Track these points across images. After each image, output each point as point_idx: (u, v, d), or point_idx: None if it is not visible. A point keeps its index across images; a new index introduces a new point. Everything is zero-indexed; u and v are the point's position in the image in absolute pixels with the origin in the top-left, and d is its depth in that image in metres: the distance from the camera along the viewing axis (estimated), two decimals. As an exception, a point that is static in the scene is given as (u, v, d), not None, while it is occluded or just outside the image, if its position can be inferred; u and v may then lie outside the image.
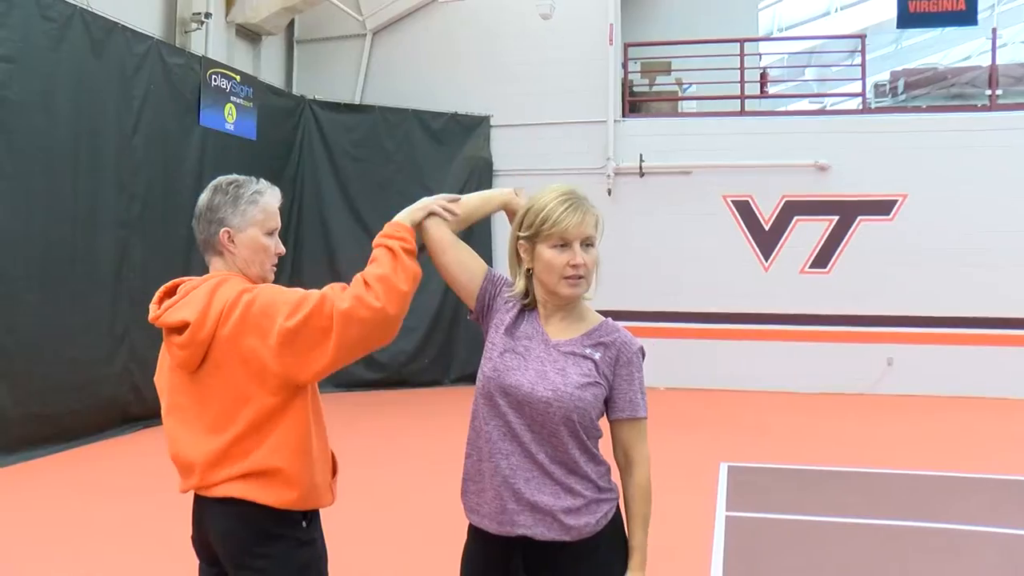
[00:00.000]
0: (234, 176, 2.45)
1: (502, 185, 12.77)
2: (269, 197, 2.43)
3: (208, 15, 10.47)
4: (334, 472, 2.47)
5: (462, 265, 2.39)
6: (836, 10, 20.25)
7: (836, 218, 11.92)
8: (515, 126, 12.48)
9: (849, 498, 6.49)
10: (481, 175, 12.51)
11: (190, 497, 2.43)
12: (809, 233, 11.98)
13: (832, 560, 5.10)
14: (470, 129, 12.59)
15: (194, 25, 10.43)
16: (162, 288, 2.46)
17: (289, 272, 10.93)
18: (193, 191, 9.71)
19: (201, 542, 2.40)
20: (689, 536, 5.48)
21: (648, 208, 12.01)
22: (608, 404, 2.27)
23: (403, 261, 2.28)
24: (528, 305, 2.33)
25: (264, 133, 10.87)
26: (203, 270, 8.58)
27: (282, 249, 2.47)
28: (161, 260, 9.23)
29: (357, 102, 12.80)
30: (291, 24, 12.92)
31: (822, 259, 11.95)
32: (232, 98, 10.30)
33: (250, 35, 12.03)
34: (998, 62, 12.20)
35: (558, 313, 2.31)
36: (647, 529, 2.27)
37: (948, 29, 17.80)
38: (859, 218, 11.86)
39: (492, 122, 12.64)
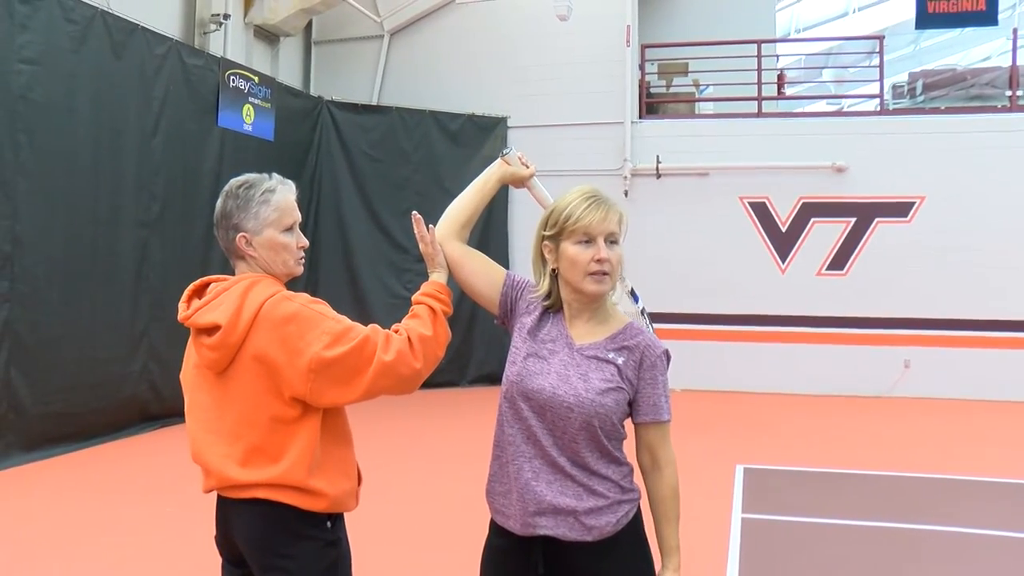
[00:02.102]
0: (244, 177, 2.42)
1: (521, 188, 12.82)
2: (281, 193, 2.39)
3: (227, 16, 10.54)
4: (359, 480, 2.47)
5: (480, 275, 2.42)
6: (854, 11, 20.14)
7: (853, 220, 11.87)
8: (532, 127, 12.48)
9: (865, 501, 6.46)
10: (498, 176, 12.51)
11: (210, 496, 2.44)
12: (826, 235, 11.93)
13: (848, 563, 5.09)
14: (487, 130, 12.62)
15: (213, 26, 10.50)
16: (190, 287, 2.44)
17: (307, 272, 10.97)
18: (211, 192, 9.78)
19: (226, 542, 2.40)
20: (705, 538, 5.48)
21: (665, 209, 11.99)
22: (632, 407, 2.27)
23: (442, 325, 2.34)
24: (552, 307, 2.33)
25: (282, 134, 10.93)
26: (221, 269, 8.64)
27: (305, 242, 2.44)
28: (180, 260, 9.31)
29: (374, 103, 12.85)
30: (309, 25, 12.98)
31: (839, 261, 11.90)
32: (250, 99, 10.37)
33: (268, 36, 12.09)
34: (1019, 62, 12.11)
35: (583, 314, 2.30)
36: (678, 529, 2.28)
37: (967, 29, 17.68)
38: (876, 220, 11.81)
39: (509, 123, 12.66)
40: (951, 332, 11.53)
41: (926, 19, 11.97)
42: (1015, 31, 12.54)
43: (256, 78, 10.48)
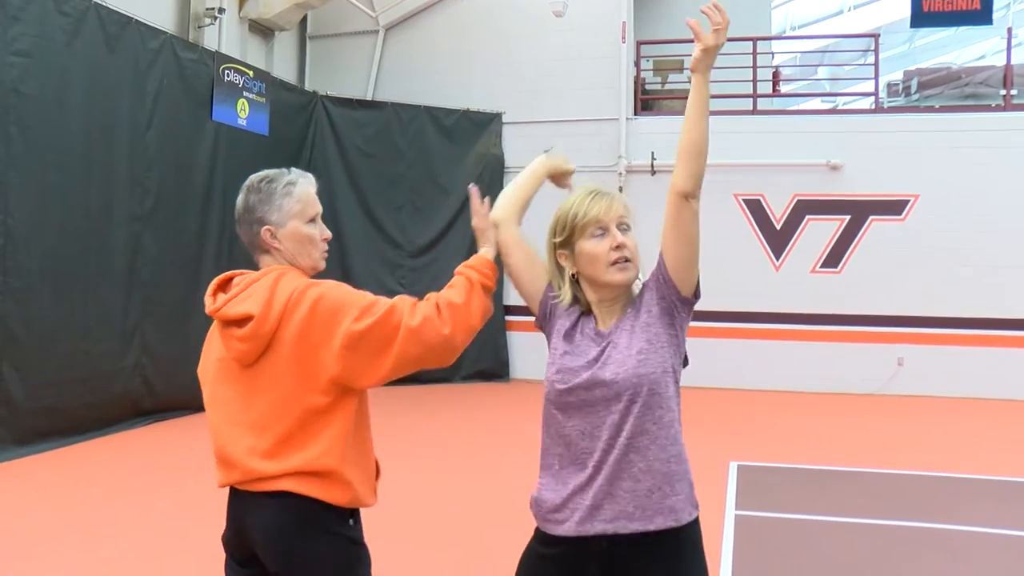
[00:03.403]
0: (264, 172, 2.43)
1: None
2: (303, 185, 2.40)
3: (221, 10, 10.51)
4: (377, 474, 2.46)
5: (526, 269, 2.39)
6: (849, 9, 20.17)
7: (848, 218, 11.89)
8: (527, 123, 12.48)
9: (859, 498, 6.47)
10: (493, 172, 12.52)
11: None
12: (820, 232, 11.95)
13: (841, 560, 5.10)
14: (482, 126, 12.61)
15: (207, 20, 10.46)
16: (215, 281, 2.42)
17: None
18: (205, 186, 9.77)
19: (237, 539, 2.37)
20: (698, 535, 5.47)
21: (659, 206, 11.70)
22: (668, 276, 2.31)
23: (479, 295, 2.29)
24: (584, 311, 2.32)
25: (276, 129, 10.90)
26: (215, 263, 8.65)
27: (328, 233, 2.44)
28: (173, 254, 9.29)
29: (369, 98, 12.83)
30: (304, 20, 12.95)
31: (833, 259, 11.92)
32: (245, 93, 10.34)
33: (263, 30, 12.06)
34: (1013, 62, 12.14)
35: (613, 309, 2.28)
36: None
37: (962, 28, 17.72)
38: (871, 218, 11.82)
39: (504, 119, 12.65)
40: (945, 330, 11.55)
41: (921, 18, 11.99)
42: (1009, 30, 12.59)
43: (251, 72, 10.45)
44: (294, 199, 2.37)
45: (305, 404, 2.23)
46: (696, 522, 2.27)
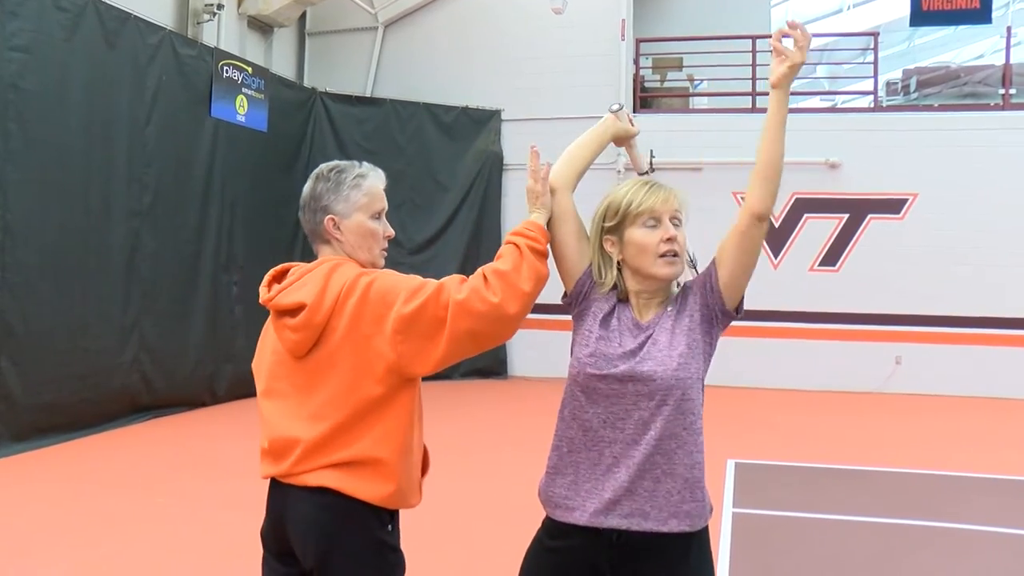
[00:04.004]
0: (336, 162, 2.41)
1: (514, 179, 12.92)
2: (372, 179, 2.39)
3: (220, 6, 10.49)
4: (425, 470, 2.42)
5: (575, 241, 2.31)
6: (849, 7, 20.14)
7: (846, 216, 11.89)
8: (526, 120, 12.47)
9: (856, 497, 6.48)
10: (492, 169, 12.53)
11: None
12: (819, 231, 11.95)
13: (838, 558, 5.11)
14: (481, 123, 12.60)
15: (206, 16, 10.45)
16: (271, 272, 2.41)
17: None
18: (204, 182, 9.76)
19: (275, 532, 2.32)
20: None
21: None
22: (719, 286, 2.27)
23: (529, 259, 2.20)
24: (621, 298, 2.27)
25: (275, 125, 10.89)
26: (214, 259, 8.66)
27: (391, 232, 2.41)
28: (172, 250, 9.29)
29: (368, 95, 12.82)
30: (303, 16, 12.93)
31: (831, 257, 11.92)
32: (243, 90, 10.33)
33: (262, 27, 12.04)
34: (1012, 61, 12.14)
35: (652, 302, 2.25)
36: None
37: (961, 27, 17.71)
38: (869, 216, 11.83)
39: (503, 116, 12.64)
40: (943, 329, 11.56)
41: (920, 16, 11.99)
42: (1009, 29, 12.59)
43: (249, 69, 10.44)
44: (362, 192, 2.36)
45: (361, 394, 2.19)
46: (707, 528, 2.23)
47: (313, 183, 2.38)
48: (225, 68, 9.99)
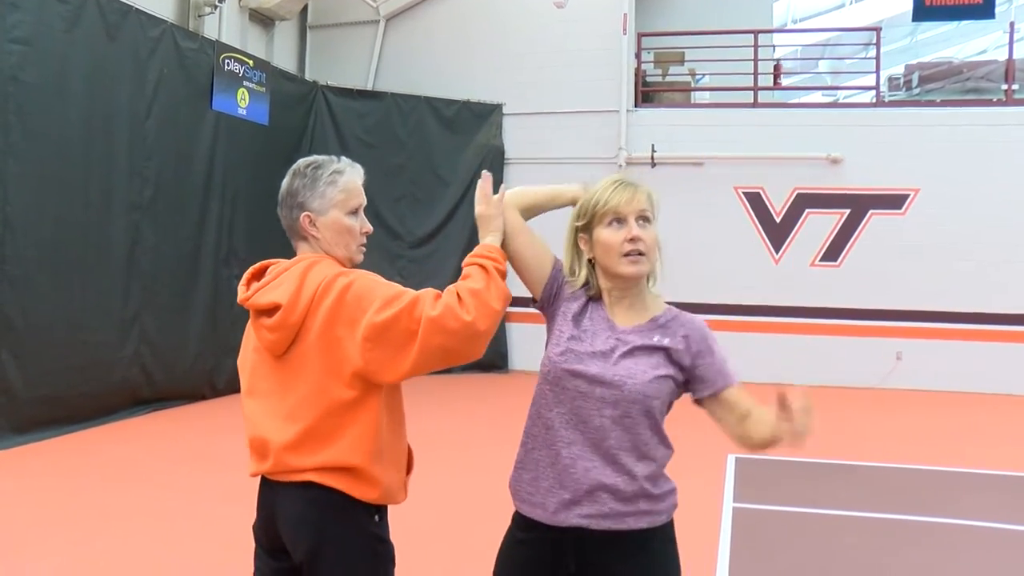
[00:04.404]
0: (313, 157, 2.39)
1: (515, 173, 12.93)
2: (349, 175, 2.37)
3: (221, 0, 10.47)
4: (409, 469, 2.43)
5: (533, 250, 2.34)
6: (851, 2, 20.10)
7: (847, 211, 11.88)
8: (527, 114, 12.46)
9: (856, 492, 6.48)
10: (493, 163, 12.51)
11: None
12: (820, 226, 11.94)
13: (838, 553, 5.11)
14: (482, 117, 12.59)
15: (207, 9, 10.43)
16: (250, 270, 2.40)
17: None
18: (205, 176, 9.76)
19: (266, 528, 2.34)
20: (696, 527, 5.48)
21: (659, 199, 11.94)
22: (697, 384, 2.23)
23: (495, 279, 2.24)
24: (593, 296, 2.30)
25: (276, 118, 10.88)
26: (214, 253, 8.64)
27: (369, 227, 2.41)
28: (172, 244, 9.28)
29: (370, 88, 12.80)
30: (304, 9, 12.91)
31: (833, 252, 11.91)
32: (245, 83, 10.31)
33: (263, 20, 12.02)
34: (1015, 56, 12.11)
35: (623, 301, 2.27)
36: None
37: (964, 22, 17.66)
38: (871, 212, 11.82)
39: (504, 110, 12.63)
40: (943, 324, 11.56)
41: (923, 12, 11.96)
42: (1012, 25, 12.54)
43: (251, 62, 10.43)
44: (338, 188, 2.34)
45: (331, 397, 2.20)
46: (671, 522, 2.25)
47: (290, 179, 2.37)
48: (226, 61, 9.98)
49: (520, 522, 2.28)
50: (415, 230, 12.37)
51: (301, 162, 2.39)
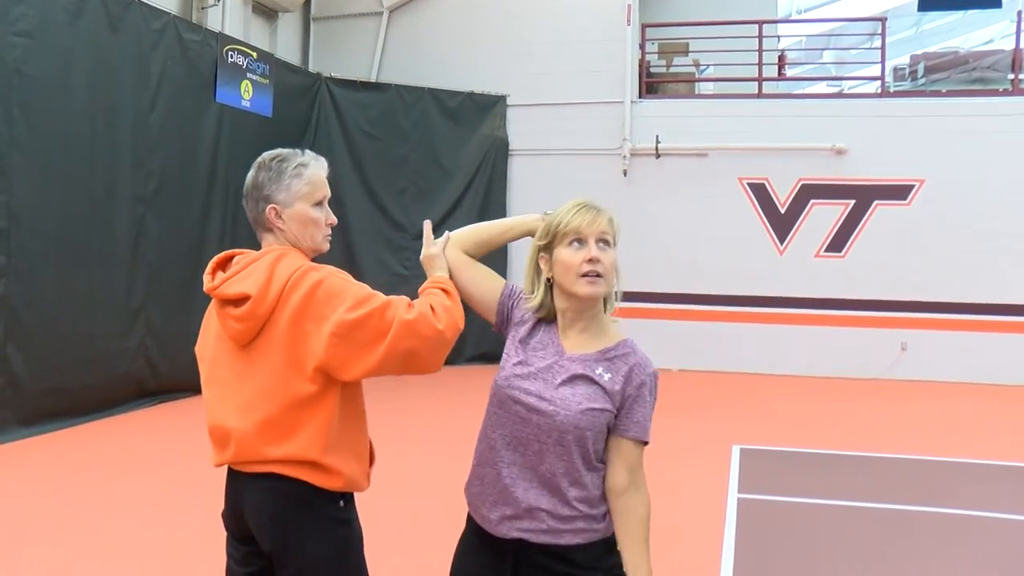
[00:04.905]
0: (278, 151, 2.43)
1: (519, 164, 12.93)
2: (314, 168, 2.41)
3: (225, -9, 10.46)
4: (371, 461, 2.47)
5: (477, 283, 2.42)
6: (856, -8, 20.02)
7: (852, 202, 11.85)
8: (531, 106, 12.44)
9: (861, 482, 6.49)
10: (497, 154, 12.50)
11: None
12: (825, 217, 11.91)
13: (843, 543, 5.11)
14: (486, 108, 12.56)
15: (211, 1, 10.41)
16: (214, 259, 2.43)
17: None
18: (209, 167, 9.75)
19: (234, 517, 2.39)
20: (701, 517, 5.49)
21: (664, 190, 11.96)
22: (616, 421, 2.23)
23: (456, 300, 2.34)
24: (545, 317, 2.33)
25: (280, 110, 10.87)
26: (218, 244, 8.64)
27: (333, 219, 2.45)
28: (177, 236, 9.29)
29: (373, 80, 12.78)
30: (308, 1, 12.90)
31: (837, 243, 11.89)
32: (248, 75, 10.30)
33: (267, 12, 12.01)
34: (1021, 46, 12.04)
35: (577, 324, 2.29)
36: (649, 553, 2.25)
37: (970, 12, 17.59)
38: (875, 202, 11.78)
39: (508, 101, 12.60)
40: (948, 315, 11.54)
41: (929, 1, 11.92)
42: (1019, 14, 12.46)
43: (254, 54, 10.42)
44: (303, 181, 2.37)
45: (292, 391, 2.23)
46: (612, 538, 2.25)
47: (255, 172, 2.40)
48: (230, 53, 9.97)
49: (471, 524, 2.38)
50: (419, 222, 12.34)
51: (266, 155, 2.42)
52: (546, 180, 11.91)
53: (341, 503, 2.33)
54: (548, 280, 2.30)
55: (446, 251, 2.44)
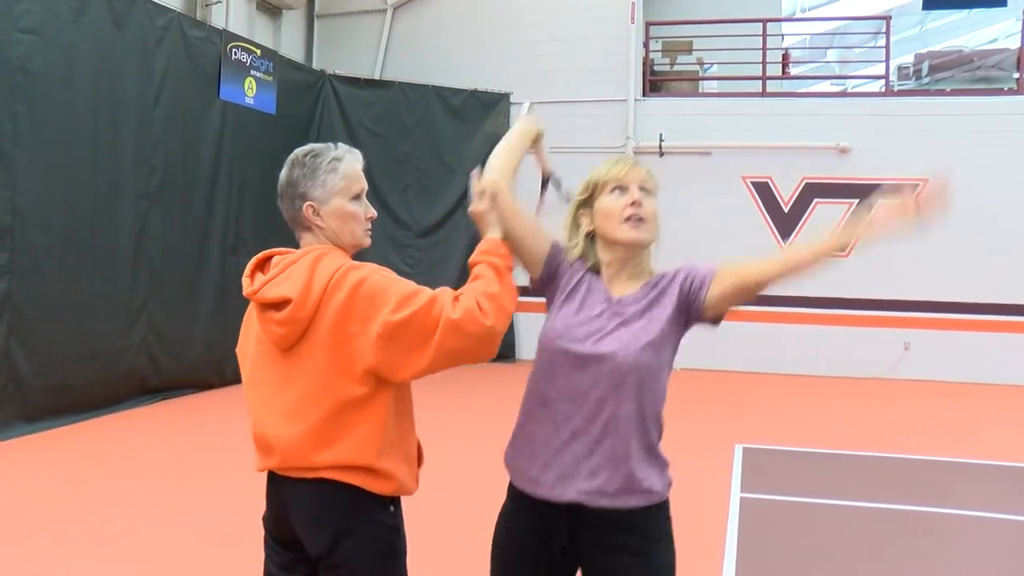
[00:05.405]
0: (311, 146, 2.35)
1: (523, 163, 12.80)
2: (349, 161, 2.33)
3: (229, -12, 10.46)
4: (420, 461, 2.41)
5: (527, 236, 2.34)
6: (861, -10, 19.99)
7: (856, 201, 11.82)
8: (535, 103, 12.39)
9: (863, 482, 6.48)
10: (500, 153, 12.49)
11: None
12: (829, 216, 11.88)
13: (845, 542, 5.10)
14: (490, 106, 12.56)
15: (215, -2, 10.43)
16: (253, 260, 2.35)
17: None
18: (212, 165, 9.76)
19: (278, 521, 2.31)
20: (704, 516, 5.49)
21: (667, 188, 11.68)
22: (695, 296, 2.22)
23: (507, 279, 2.22)
24: (592, 268, 2.32)
25: (284, 107, 10.87)
26: (221, 242, 8.62)
27: (373, 212, 2.37)
28: (180, 233, 9.30)
29: (377, 77, 12.78)
30: (312, -2, 12.90)
31: (841, 242, 11.85)
32: (252, 72, 10.31)
33: (270, 9, 12.01)
34: (1025, 45, 12.03)
35: (623, 273, 2.29)
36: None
37: (975, 11, 17.55)
38: (880, 202, 11.75)
39: (512, 99, 12.59)
40: (952, 315, 11.52)
41: (934, 0, 11.87)
42: (1024, 12, 12.45)
43: (258, 51, 10.42)
44: (339, 175, 2.30)
45: (340, 394, 2.15)
46: (667, 501, 2.26)
47: (289, 170, 2.32)
48: (234, 50, 9.97)
49: (515, 495, 2.30)
50: (422, 219, 12.36)
51: (299, 151, 2.34)
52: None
53: (391, 508, 2.26)
54: (589, 234, 2.30)
55: (501, 199, 2.34)
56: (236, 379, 10.26)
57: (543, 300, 2.41)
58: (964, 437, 8.28)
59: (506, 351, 12.40)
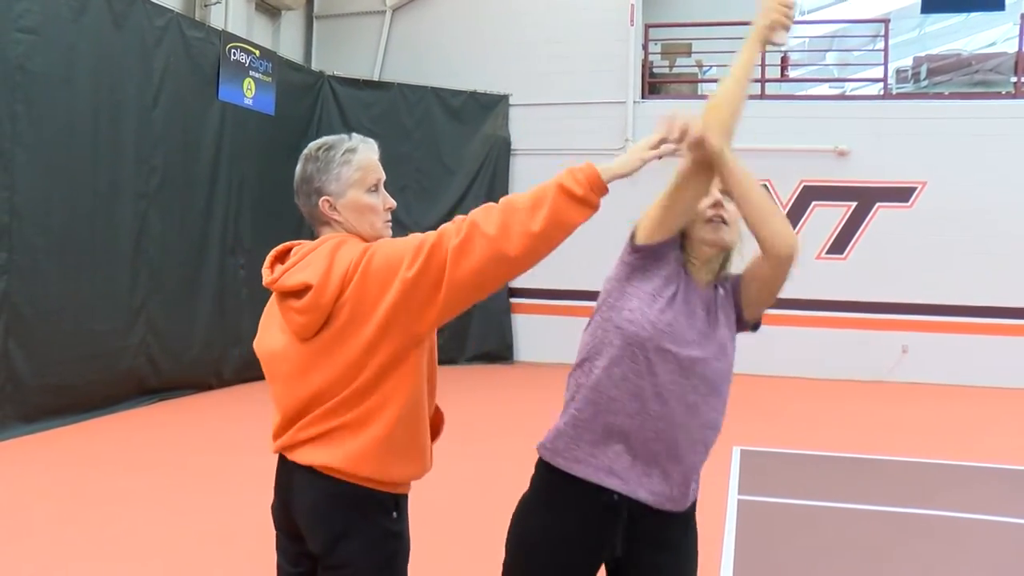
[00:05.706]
0: (323, 139, 2.30)
1: (521, 164, 12.93)
2: (363, 151, 2.28)
3: (229, -11, 10.46)
4: (437, 432, 2.38)
5: (696, 202, 2.26)
6: (859, -7, 20.00)
7: (854, 204, 11.85)
8: (534, 105, 12.44)
9: (861, 484, 6.49)
10: (499, 154, 12.51)
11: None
12: (827, 218, 11.92)
13: (843, 545, 5.11)
14: (489, 107, 12.57)
15: (214, -1, 10.43)
16: (273, 252, 2.32)
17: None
18: (211, 165, 9.76)
19: (284, 512, 2.30)
20: (701, 519, 5.47)
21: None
22: (745, 296, 2.28)
23: (554, 202, 2.05)
24: (683, 264, 2.29)
25: (282, 108, 10.87)
26: (221, 241, 8.63)
27: (392, 203, 2.31)
28: (179, 233, 9.30)
29: (376, 79, 12.79)
30: (311, -1, 12.91)
31: (839, 245, 11.89)
32: (251, 73, 10.31)
33: (270, 10, 12.01)
34: (1024, 49, 12.05)
35: (701, 271, 2.29)
36: None
37: (973, 14, 17.57)
38: (877, 204, 11.79)
39: (511, 101, 12.61)
40: (949, 318, 11.54)
41: (932, 3, 11.91)
42: (1022, 17, 12.46)
43: (257, 52, 10.42)
44: (353, 167, 2.25)
45: (357, 383, 2.12)
46: (693, 504, 2.35)
47: (303, 165, 2.29)
48: (233, 51, 9.97)
49: (561, 485, 2.23)
50: (421, 220, 12.34)
51: (312, 145, 2.31)
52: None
53: (394, 514, 2.24)
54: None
55: (711, 141, 2.22)
56: (235, 380, 10.31)
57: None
58: (962, 440, 8.29)
59: (503, 352, 12.41)
